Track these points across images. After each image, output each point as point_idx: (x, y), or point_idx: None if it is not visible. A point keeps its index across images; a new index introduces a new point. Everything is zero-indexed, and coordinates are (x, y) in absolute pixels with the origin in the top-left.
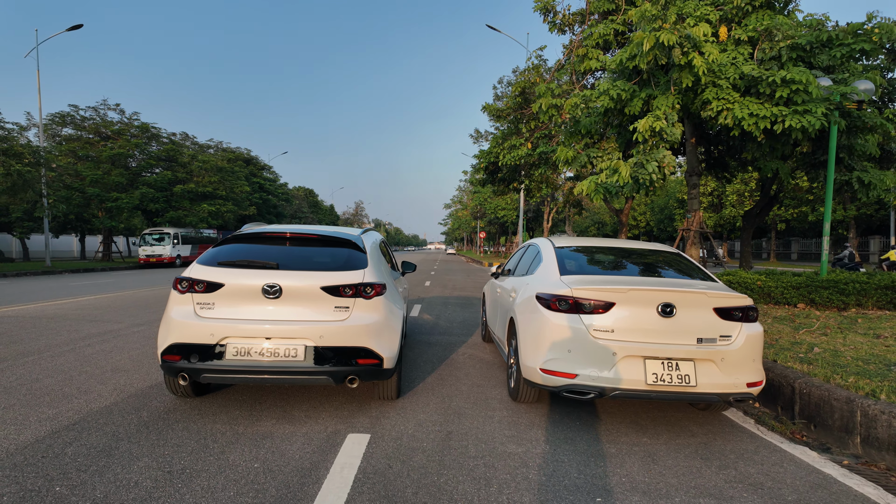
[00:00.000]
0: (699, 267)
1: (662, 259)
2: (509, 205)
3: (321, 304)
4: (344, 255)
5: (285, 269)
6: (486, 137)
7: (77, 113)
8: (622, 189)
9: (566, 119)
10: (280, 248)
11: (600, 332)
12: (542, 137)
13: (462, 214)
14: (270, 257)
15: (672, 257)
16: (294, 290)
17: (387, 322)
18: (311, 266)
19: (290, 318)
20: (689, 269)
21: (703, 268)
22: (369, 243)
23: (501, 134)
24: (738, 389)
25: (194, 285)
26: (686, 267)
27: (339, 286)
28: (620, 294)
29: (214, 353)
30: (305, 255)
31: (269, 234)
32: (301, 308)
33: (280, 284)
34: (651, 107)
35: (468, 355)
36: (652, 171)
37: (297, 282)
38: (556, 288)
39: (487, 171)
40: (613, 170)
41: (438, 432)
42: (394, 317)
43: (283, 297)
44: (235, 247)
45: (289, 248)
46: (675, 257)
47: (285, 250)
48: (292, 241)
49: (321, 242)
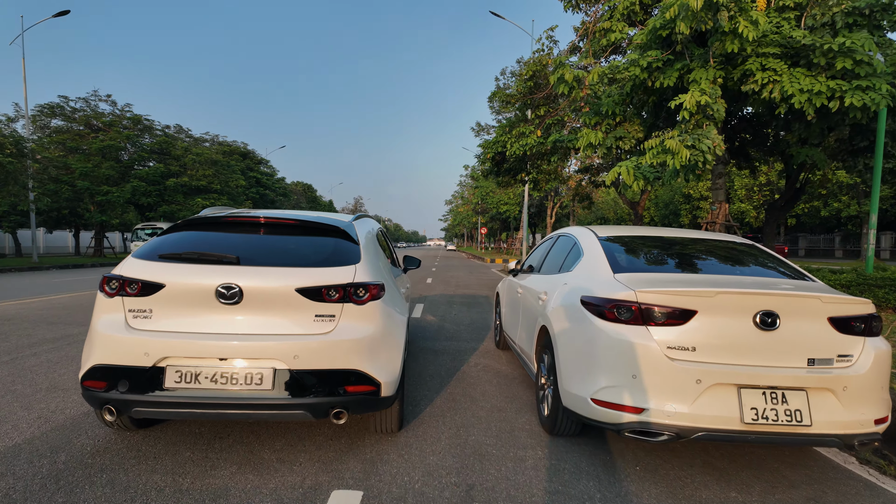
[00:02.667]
0: (788, 263)
1: (738, 252)
2: (512, 199)
3: (297, 312)
4: (329, 246)
5: (250, 264)
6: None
7: (67, 104)
8: (669, 173)
9: (586, 95)
10: (246, 237)
11: (678, 350)
12: (554, 124)
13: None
14: (231, 249)
15: (749, 250)
16: (260, 293)
17: (386, 334)
18: (285, 261)
19: (255, 330)
20: (776, 265)
21: (792, 264)
22: (363, 232)
23: (508, 122)
24: (865, 429)
25: (126, 286)
26: (772, 263)
27: (321, 287)
28: (704, 299)
29: (150, 379)
30: (279, 246)
31: (233, 220)
32: (269, 317)
33: (240, 285)
34: (685, 81)
35: (482, 367)
36: (707, 151)
37: (263, 282)
38: (612, 290)
39: (494, 162)
40: (663, 150)
41: (455, 487)
42: (395, 326)
43: (244, 302)
44: (186, 235)
45: (258, 237)
46: (754, 250)
47: (253, 240)
48: (263, 229)
49: (301, 230)
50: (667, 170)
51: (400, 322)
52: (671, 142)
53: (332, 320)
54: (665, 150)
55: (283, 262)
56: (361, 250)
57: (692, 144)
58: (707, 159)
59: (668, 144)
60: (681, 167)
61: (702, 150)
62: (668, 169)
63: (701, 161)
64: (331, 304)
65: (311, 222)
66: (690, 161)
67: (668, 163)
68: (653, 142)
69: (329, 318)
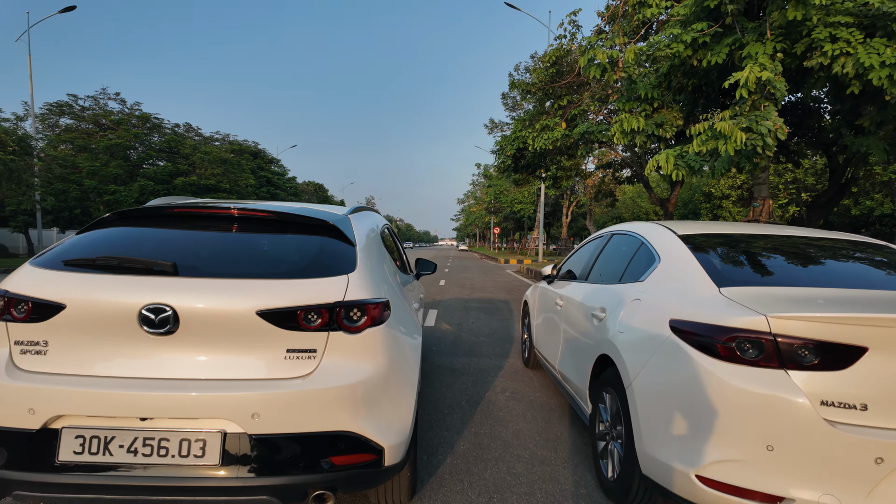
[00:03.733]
0: None
1: (874, 256)
2: (527, 198)
3: (260, 347)
4: (313, 248)
5: (193, 274)
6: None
7: (76, 102)
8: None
9: (621, 77)
10: (197, 236)
11: (839, 409)
12: (579, 114)
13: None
14: (170, 252)
15: (884, 253)
16: (204, 319)
17: (392, 375)
18: (246, 269)
19: (195, 374)
20: None
21: None
22: (363, 229)
23: (527, 115)
24: None
25: (12, 307)
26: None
27: (297, 309)
28: (879, 329)
29: (38, 447)
30: (240, 249)
31: (182, 212)
32: (218, 355)
33: (174, 306)
34: (736, 59)
35: (511, 393)
36: (766, 134)
37: (211, 300)
38: (724, 312)
39: (513, 158)
40: (713, 135)
41: None
42: (405, 361)
43: (181, 331)
44: (111, 233)
45: (214, 236)
46: (891, 253)
47: (204, 241)
48: (223, 225)
49: (274, 226)
50: (719, 158)
51: (412, 353)
52: (724, 124)
53: (311, 358)
54: (716, 135)
55: (244, 271)
56: (358, 254)
57: (748, 127)
58: (767, 143)
59: (719, 128)
60: (735, 153)
61: (760, 134)
62: (720, 157)
63: (760, 146)
64: (310, 332)
65: (288, 215)
66: (747, 146)
67: (720, 149)
68: (700, 126)
69: (307, 355)
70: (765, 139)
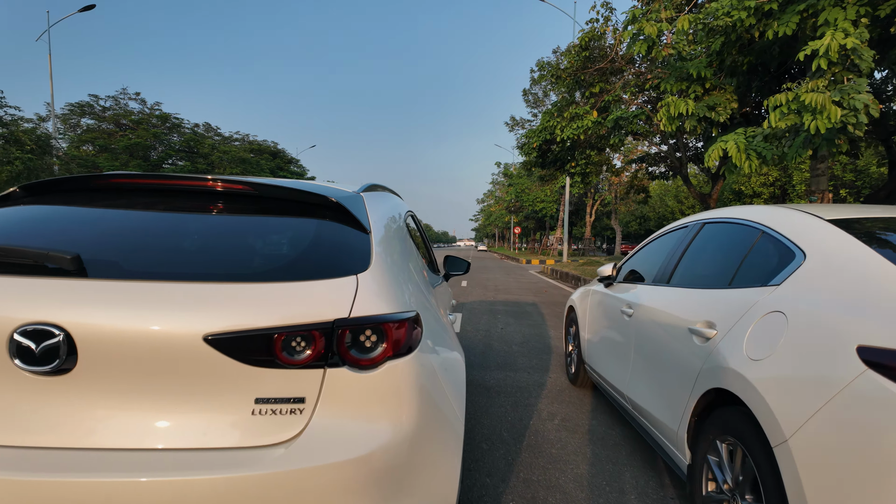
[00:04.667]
0: None
1: None
2: (549, 196)
3: (211, 395)
4: (304, 236)
5: (106, 275)
6: (522, 125)
7: (97, 103)
8: (798, 144)
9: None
10: (133, 218)
11: None
12: (613, 101)
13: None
14: (82, 241)
15: None
16: (116, 349)
17: (428, 437)
18: (193, 267)
19: (97, 442)
20: None
21: None
22: (380, 213)
23: (555, 106)
24: None
25: None
26: None
27: (270, 332)
28: None
29: None
30: (191, 237)
31: (117, 184)
32: (139, 410)
33: (65, 327)
34: (808, 27)
35: (561, 421)
36: (860, 109)
37: (126, 318)
38: None
39: (540, 152)
40: (798, 108)
41: None
42: (445, 411)
43: (79, 369)
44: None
45: (158, 218)
46: None
47: (141, 225)
48: (176, 204)
49: (250, 206)
50: (796, 138)
51: (454, 394)
52: (814, 96)
53: (296, 412)
54: (802, 109)
55: (190, 270)
56: (374, 245)
57: (839, 101)
58: (860, 121)
59: (808, 100)
60: (825, 132)
61: (854, 109)
62: (799, 137)
63: (852, 123)
64: (295, 370)
65: (271, 188)
66: (838, 123)
67: (807, 125)
68: (781, 97)
69: (290, 409)
70: (858, 115)
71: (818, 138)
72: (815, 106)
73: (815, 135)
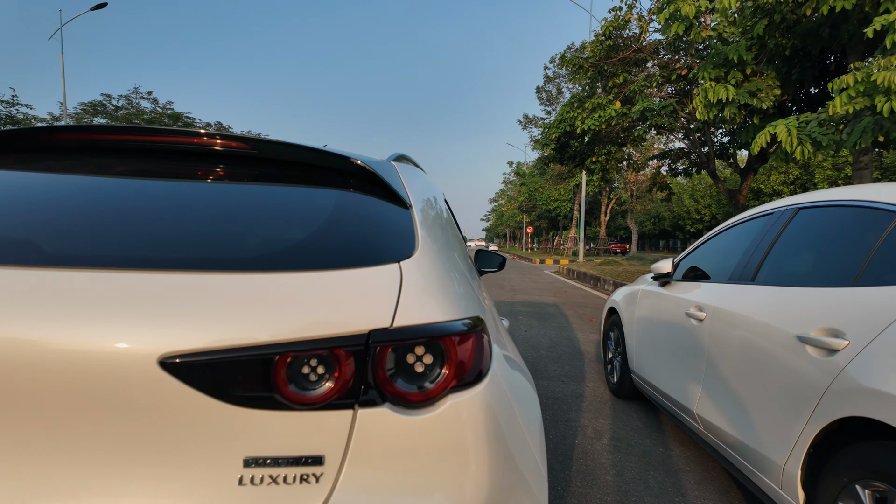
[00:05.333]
0: None
1: None
2: (563, 195)
3: (173, 454)
4: (322, 210)
5: (17, 261)
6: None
7: (110, 102)
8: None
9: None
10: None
11: None
12: (639, 90)
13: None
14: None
15: None
16: (25, 377)
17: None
18: (152, 250)
19: None
20: None
21: None
22: (416, 187)
23: (575, 97)
24: None
25: None
26: None
27: (269, 352)
28: None
29: None
30: (157, 209)
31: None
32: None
33: None
34: (867, 3)
35: (610, 440)
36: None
37: (36, 326)
38: None
39: (558, 145)
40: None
41: None
42: (526, 479)
43: None
44: None
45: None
46: None
47: (90, 189)
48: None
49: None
50: (857, 123)
51: (537, 443)
52: (887, 74)
53: (309, 484)
54: (873, 90)
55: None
56: (418, 224)
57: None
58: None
59: (879, 79)
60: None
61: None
62: (862, 121)
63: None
64: (307, 414)
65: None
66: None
67: (879, 108)
68: (848, 78)
69: (301, 476)
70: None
71: (888, 121)
72: (890, 85)
73: (886, 118)
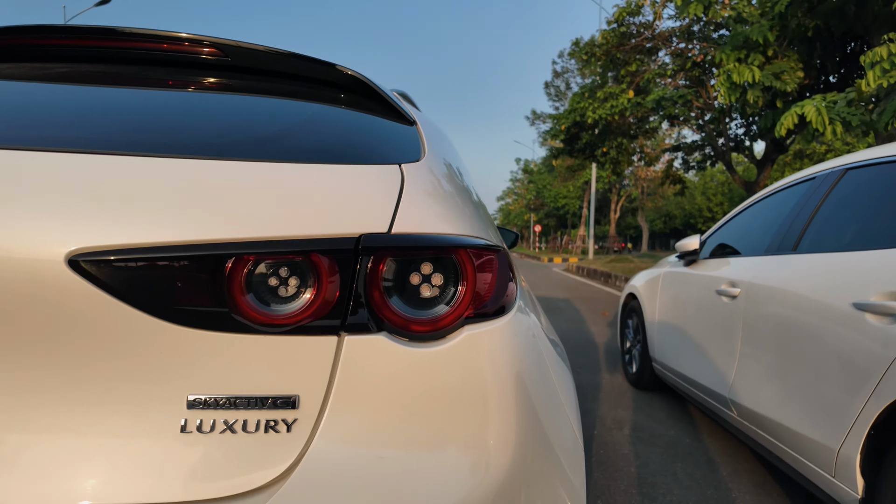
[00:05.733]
0: None
1: None
2: (571, 192)
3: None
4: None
5: None
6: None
7: None
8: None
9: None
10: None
11: None
12: (653, 79)
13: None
14: None
15: None
16: None
17: (535, 486)
18: (95, 131)
19: None
20: None
21: None
22: (423, 118)
23: (585, 88)
24: None
25: None
26: None
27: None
28: None
29: None
30: (106, 105)
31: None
32: None
33: None
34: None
35: (631, 431)
36: None
37: None
38: None
39: (568, 136)
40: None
41: None
42: (561, 439)
43: None
44: None
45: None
46: None
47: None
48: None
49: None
50: (891, 102)
51: (571, 403)
52: None
53: (277, 433)
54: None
55: (74, 134)
56: (424, 138)
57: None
58: None
59: None
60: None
61: None
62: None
63: None
64: (276, 339)
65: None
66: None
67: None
68: (881, 50)
69: (266, 422)
70: None
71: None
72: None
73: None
